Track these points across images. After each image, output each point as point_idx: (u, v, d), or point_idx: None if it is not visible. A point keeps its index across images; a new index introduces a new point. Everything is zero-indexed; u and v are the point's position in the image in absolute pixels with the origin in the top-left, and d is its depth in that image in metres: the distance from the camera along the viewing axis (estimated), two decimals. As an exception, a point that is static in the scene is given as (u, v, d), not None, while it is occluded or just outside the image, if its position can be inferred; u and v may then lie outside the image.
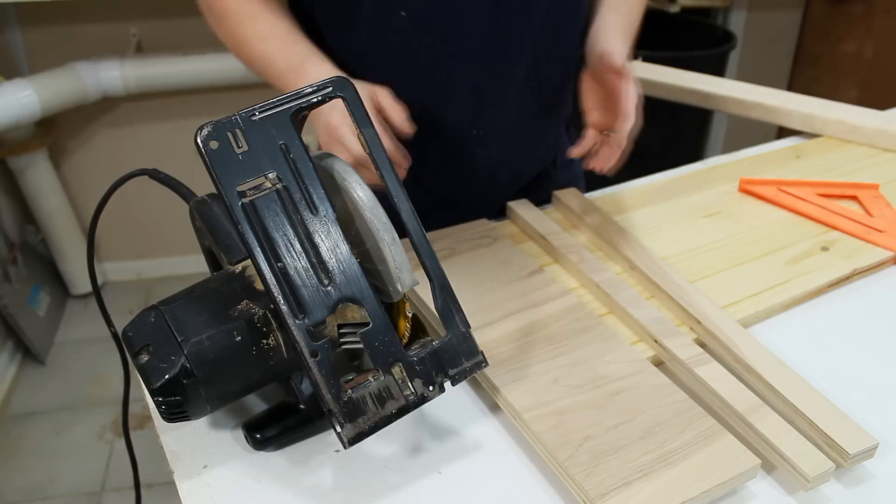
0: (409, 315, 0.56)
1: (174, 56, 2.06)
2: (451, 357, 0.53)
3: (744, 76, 2.51)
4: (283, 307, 0.49)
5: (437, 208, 0.85)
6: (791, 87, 2.68)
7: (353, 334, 0.51)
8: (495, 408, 0.62)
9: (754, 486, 0.55)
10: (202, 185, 0.52)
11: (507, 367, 0.62)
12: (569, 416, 0.57)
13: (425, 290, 0.56)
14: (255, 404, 0.62)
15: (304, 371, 0.54)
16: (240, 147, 0.50)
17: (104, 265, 2.40)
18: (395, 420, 0.50)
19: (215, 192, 0.50)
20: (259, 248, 0.49)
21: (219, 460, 0.57)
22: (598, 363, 0.63)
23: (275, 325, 0.53)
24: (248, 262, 0.55)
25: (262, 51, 0.76)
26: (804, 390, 0.60)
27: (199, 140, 0.49)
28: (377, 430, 0.50)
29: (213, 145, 0.49)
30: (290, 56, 0.75)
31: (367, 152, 0.53)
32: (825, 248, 0.82)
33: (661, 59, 1.37)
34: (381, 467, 0.56)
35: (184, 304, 0.52)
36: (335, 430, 0.49)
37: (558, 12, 0.81)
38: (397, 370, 0.51)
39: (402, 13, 0.76)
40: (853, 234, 0.85)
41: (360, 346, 0.50)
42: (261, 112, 0.51)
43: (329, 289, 0.50)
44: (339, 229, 0.51)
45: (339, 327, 0.52)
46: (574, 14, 0.83)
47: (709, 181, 0.97)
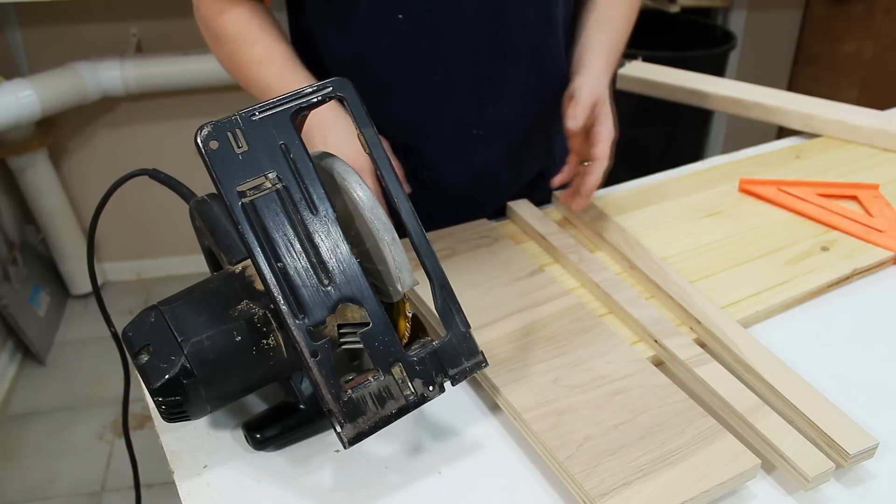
0: (409, 315, 0.56)
1: (174, 56, 2.06)
2: (451, 357, 0.53)
3: (744, 76, 2.51)
4: (283, 307, 0.49)
5: (439, 208, 0.86)
6: (791, 87, 2.68)
7: (353, 334, 0.51)
8: (495, 408, 0.62)
9: (754, 486, 0.55)
10: (202, 185, 0.52)
11: (507, 367, 0.62)
12: (569, 416, 0.57)
13: (425, 290, 0.56)
14: (255, 404, 0.62)
15: (304, 371, 0.54)
16: (240, 147, 0.50)
17: (104, 265, 2.40)
18: (395, 420, 0.50)
19: (215, 192, 0.50)
20: (259, 248, 0.49)
21: (219, 460, 0.57)
22: (598, 363, 0.63)
23: (275, 325, 0.53)
24: (248, 262, 0.55)
25: (259, 76, 0.76)
26: (804, 390, 0.60)
27: (199, 140, 0.49)
28: (377, 430, 0.50)
29: (213, 145, 0.49)
30: (288, 83, 0.75)
31: (367, 152, 0.53)
32: (825, 248, 0.82)
33: (661, 59, 1.37)
34: (381, 467, 0.56)
35: (184, 304, 0.52)
36: (335, 430, 0.49)
37: (555, 12, 0.81)
38: (397, 370, 0.51)
39: (400, 16, 0.76)
40: (853, 234, 0.85)
41: (360, 346, 0.50)
42: (261, 112, 0.51)
43: (329, 289, 0.50)
44: (339, 229, 0.51)
45: (339, 327, 0.52)
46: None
47: (709, 181, 0.97)
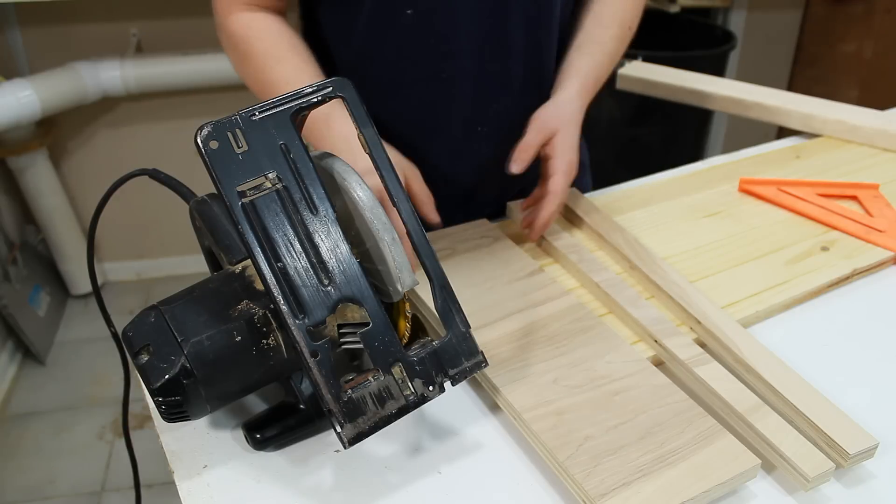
0: (409, 315, 0.56)
1: (174, 56, 2.06)
2: (451, 357, 0.53)
3: (744, 76, 2.51)
4: (283, 307, 0.49)
5: (446, 206, 0.86)
6: (791, 87, 2.68)
7: (353, 334, 0.51)
8: (495, 408, 0.62)
9: (754, 486, 0.55)
10: (202, 185, 0.52)
11: (507, 367, 0.62)
12: (569, 416, 0.57)
13: (425, 290, 0.56)
14: (255, 404, 0.62)
15: (304, 371, 0.54)
16: (240, 147, 0.50)
17: (104, 265, 2.40)
18: (395, 420, 0.50)
19: (215, 192, 0.50)
20: (259, 248, 0.49)
21: (219, 460, 0.57)
22: (598, 363, 0.63)
23: (275, 325, 0.53)
24: (248, 262, 0.55)
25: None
26: (804, 390, 0.60)
27: (199, 140, 0.49)
28: (377, 430, 0.50)
29: (213, 145, 0.49)
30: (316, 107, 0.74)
31: (367, 152, 0.53)
32: (825, 248, 0.82)
33: (661, 59, 1.37)
34: (381, 467, 0.56)
35: (184, 304, 0.52)
36: (335, 430, 0.49)
37: (554, 7, 0.81)
38: (397, 370, 0.51)
39: (409, 11, 0.76)
40: (853, 234, 0.84)
41: (360, 346, 0.50)
42: (261, 112, 0.51)
43: (329, 289, 0.50)
44: (339, 229, 0.51)
45: (339, 327, 0.52)
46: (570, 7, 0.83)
47: (709, 181, 0.97)
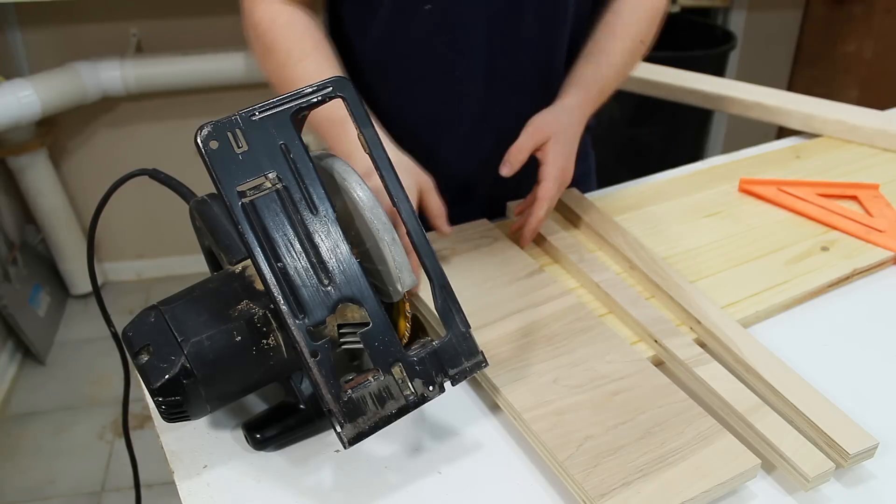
0: (409, 315, 0.56)
1: (174, 56, 2.06)
2: (451, 357, 0.53)
3: (744, 76, 2.51)
4: (283, 307, 0.48)
5: (454, 201, 0.86)
6: (791, 87, 2.68)
7: (353, 334, 0.51)
8: (495, 408, 0.62)
9: (754, 486, 0.55)
10: (202, 185, 0.52)
11: (507, 367, 0.62)
12: (569, 416, 0.57)
13: (425, 290, 0.56)
14: (255, 404, 0.62)
15: (304, 371, 0.54)
16: (240, 147, 0.50)
17: (104, 265, 2.40)
18: (395, 420, 0.50)
19: (215, 192, 0.50)
20: (259, 248, 0.49)
21: (219, 460, 0.57)
22: (598, 363, 0.63)
23: (275, 325, 0.53)
24: (248, 262, 0.55)
25: None
26: (804, 390, 0.60)
27: (199, 140, 0.49)
28: (377, 430, 0.50)
29: (213, 145, 0.49)
30: (335, 108, 0.74)
31: (367, 152, 0.53)
32: (825, 248, 0.82)
33: (661, 59, 1.37)
34: (381, 467, 0.56)
35: (184, 304, 0.52)
36: (335, 430, 0.49)
37: (565, 6, 0.82)
38: (397, 370, 0.51)
39: (428, 6, 0.76)
40: (853, 234, 0.84)
41: (360, 346, 0.50)
42: (261, 112, 0.51)
43: (329, 289, 0.50)
44: (339, 229, 0.51)
45: (339, 327, 0.52)
46: (585, 8, 0.84)
47: (709, 181, 0.97)
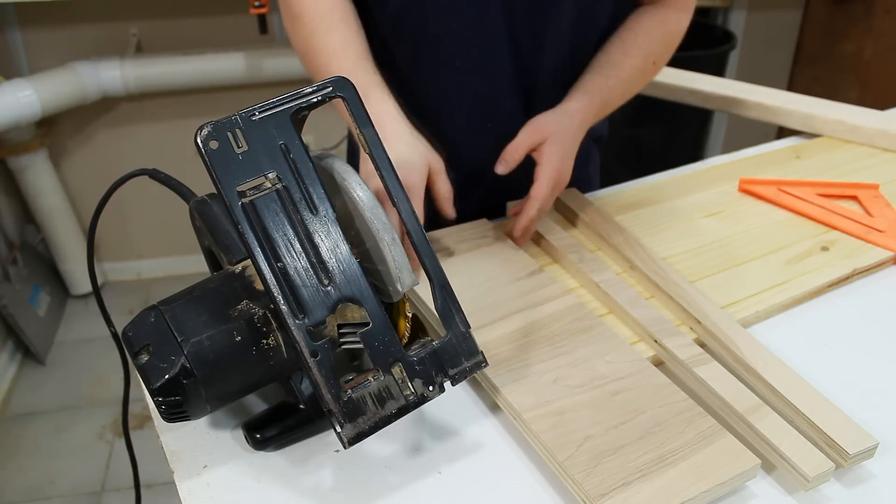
0: (409, 315, 0.56)
1: (174, 56, 2.06)
2: (451, 357, 0.53)
3: (744, 76, 2.51)
4: (283, 307, 0.49)
5: (466, 182, 0.87)
6: (791, 87, 2.68)
7: (353, 334, 0.51)
8: (495, 408, 0.62)
9: (754, 486, 0.55)
10: (202, 185, 0.52)
11: (507, 367, 0.62)
12: (569, 416, 0.57)
13: (425, 290, 0.56)
14: (255, 404, 0.62)
15: (304, 371, 0.54)
16: (240, 147, 0.50)
17: (104, 265, 2.40)
18: (395, 420, 0.50)
19: (215, 192, 0.50)
20: (259, 248, 0.49)
21: (219, 460, 0.57)
22: (598, 363, 0.63)
23: (275, 325, 0.53)
24: (248, 262, 0.55)
25: (329, 67, 0.75)
26: (804, 390, 0.60)
27: (199, 140, 0.49)
28: (377, 430, 0.50)
29: (213, 145, 0.49)
30: (356, 82, 0.74)
31: (367, 152, 0.53)
32: (825, 248, 0.82)
33: (661, 61, 1.37)
34: (381, 467, 0.56)
35: (184, 304, 0.52)
36: (335, 430, 0.49)
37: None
38: (397, 370, 0.51)
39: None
40: (853, 234, 0.84)
41: (360, 346, 0.50)
42: (261, 112, 0.51)
43: (329, 289, 0.50)
44: (339, 229, 0.51)
45: (339, 327, 0.52)
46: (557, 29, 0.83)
47: (709, 181, 0.97)
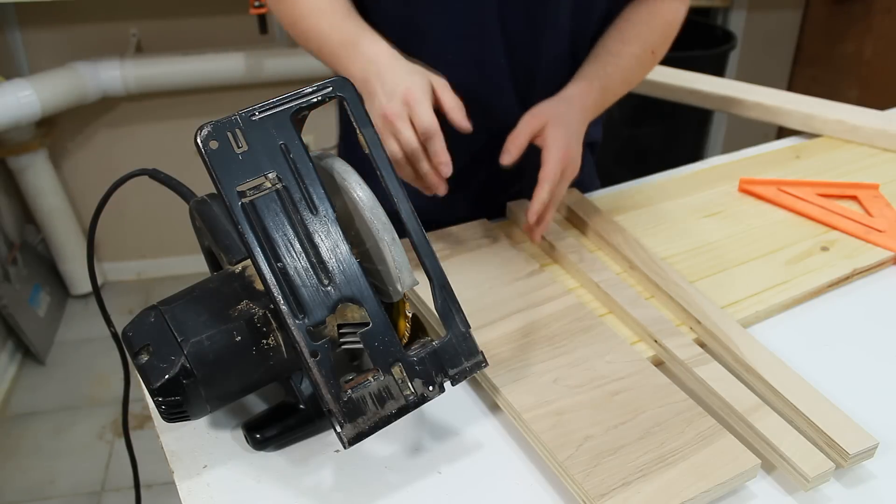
0: (409, 315, 0.56)
1: (174, 56, 2.06)
2: (451, 357, 0.53)
3: (744, 76, 2.51)
4: (283, 307, 0.49)
5: (471, 163, 0.86)
6: (791, 87, 2.68)
7: (353, 334, 0.51)
8: (495, 408, 0.62)
9: (754, 486, 0.55)
10: (202, 185, 0.52)
11: (507, 367, 0.62)
12: (569, 416, 0.57)
13: (425, 290, 0.56)
14: (255, 404, 0.62)
15: (304, 371, 0.54)
16: (240, 147, 0.50)
17: (104, 265, 2.40)
18: (395, 420, 0.50)
19: (215, 192, 0.50)
20: (259, 248, 0.49)
21: (219, 460, 0.57)
22: (598, 363, 0.63)
23: (275, 325, 0.53)
24: (248, 262, 0.55)
25: (318, 26, 0.74)
26: (804, 390, 0.60)
27: (198, 140, 0.49)
28: (377, 430, 0.50)
29: (213, 145, 0.49)
30: (346, 31, 0.73)
31: (367, 152, 0.53)
32: (825, 248, 0.82)
33: (662, 59, 1.37)
34: (381, 467, 0.56)
35: (184, 304, 0.52)
36: (335, 430, 0.49)
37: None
38: (397, 370, 0.51)
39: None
40: (853, 234, 0.85)
41: (360, 346, 0.50)
42: (261, 112, 0.51)
43: (329, 289, 0.50)
44: (339, 229, 0.51)
45: (339, 327, 0.52)
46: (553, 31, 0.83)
47: (709, 181, 0.97)
